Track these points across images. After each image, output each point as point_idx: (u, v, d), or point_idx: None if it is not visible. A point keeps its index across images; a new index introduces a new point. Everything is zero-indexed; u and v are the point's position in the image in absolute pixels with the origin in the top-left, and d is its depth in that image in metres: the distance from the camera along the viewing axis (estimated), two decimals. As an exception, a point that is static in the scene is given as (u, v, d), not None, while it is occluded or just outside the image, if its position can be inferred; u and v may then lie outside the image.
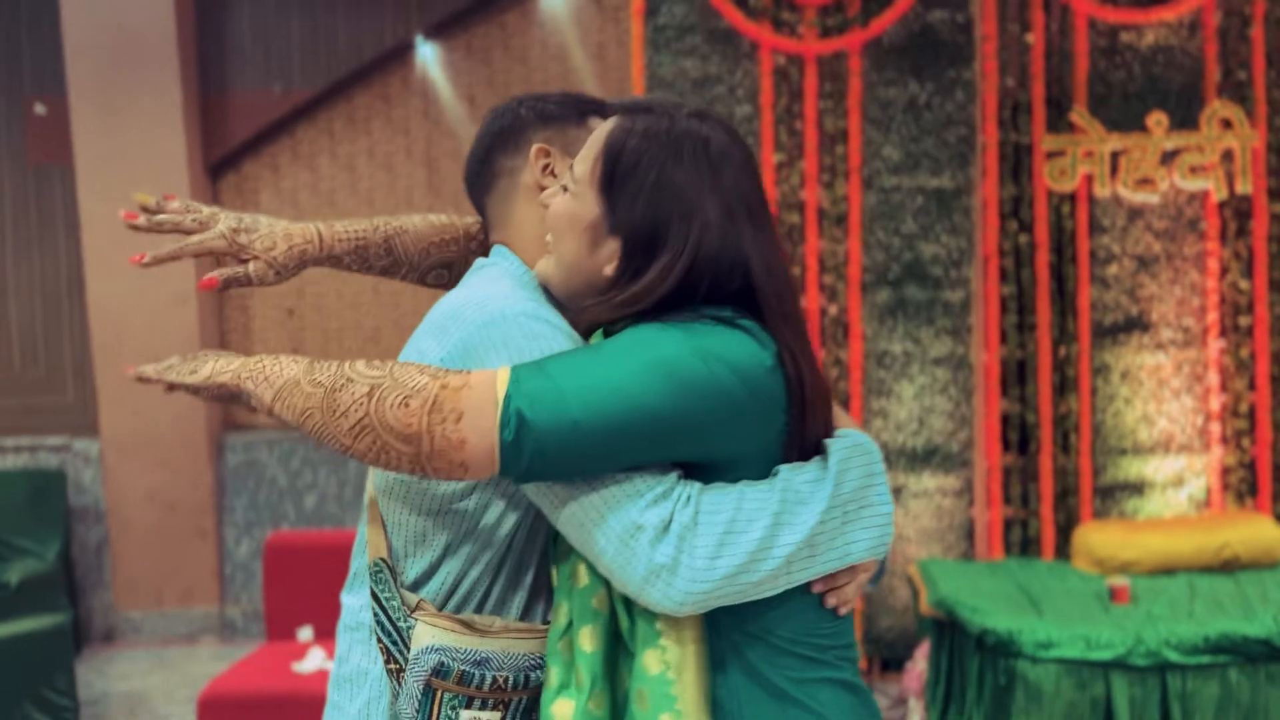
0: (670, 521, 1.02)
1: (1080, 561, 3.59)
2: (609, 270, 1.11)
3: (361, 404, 1.05)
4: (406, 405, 1.03)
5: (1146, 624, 2.94)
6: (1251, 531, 3.46)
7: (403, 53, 4.83)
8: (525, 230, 1.26)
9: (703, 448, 1.05)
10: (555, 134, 1.26)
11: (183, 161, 4.62)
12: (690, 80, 3.81)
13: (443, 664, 1.12)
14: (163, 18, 4.52)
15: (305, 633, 3.58)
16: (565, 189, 1.15)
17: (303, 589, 3.63)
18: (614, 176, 1.10)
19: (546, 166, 1.24)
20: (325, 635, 3.56)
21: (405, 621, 1.15)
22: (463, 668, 1.11)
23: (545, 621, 1.16)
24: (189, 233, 1.29)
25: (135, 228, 1.30)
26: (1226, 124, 3.84)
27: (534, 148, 1.25)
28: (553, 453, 1.01)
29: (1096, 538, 3.55)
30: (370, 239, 1.35)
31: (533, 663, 1.13)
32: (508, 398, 1.01)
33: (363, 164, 4.92)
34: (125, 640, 4.85)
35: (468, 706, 1.11)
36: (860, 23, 3.81)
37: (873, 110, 3.87)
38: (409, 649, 1.15)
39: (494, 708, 1.12)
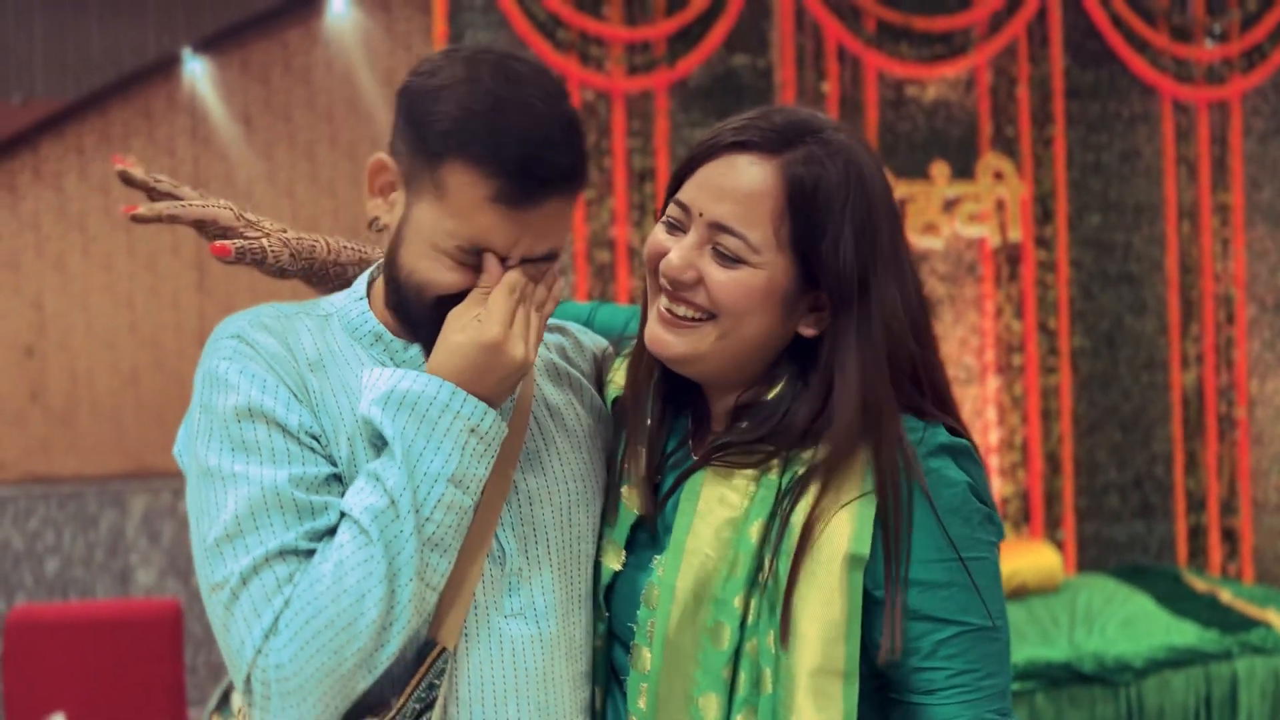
0: None
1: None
2: (810, 330, 1.03)
3: None
4: None
5: (958, 655, 3.03)
6: (1035, 560, 3.67)
7: (168, 66, 4.41)
8: None
9: None
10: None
11: (-105, 176, 3.99)
12: (496, 111, 3.67)
13: None
14: (-128, 10, 3.91)
15: (56, 720, 3.13)
16: (729, 258, 0.98)
17: (52, 670, 3.20)
18: (809, 231, 0.98)
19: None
20: (81, 722, 3.13)
21: None
22: None
23: None
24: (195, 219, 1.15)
25: (140, 220, 1.14)
26: (998, 175, 4.11)
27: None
28: None
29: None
30: (369, 258, 1.22)
31: None
32: None
33: (119, 186, 4.40)
34: None
35: None
36: (667, 63, 3.82)
37: (679, 150, 3.87)
38: None
39: None
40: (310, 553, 0.93)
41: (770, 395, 1.03)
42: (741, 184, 0.99)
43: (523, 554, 1.04)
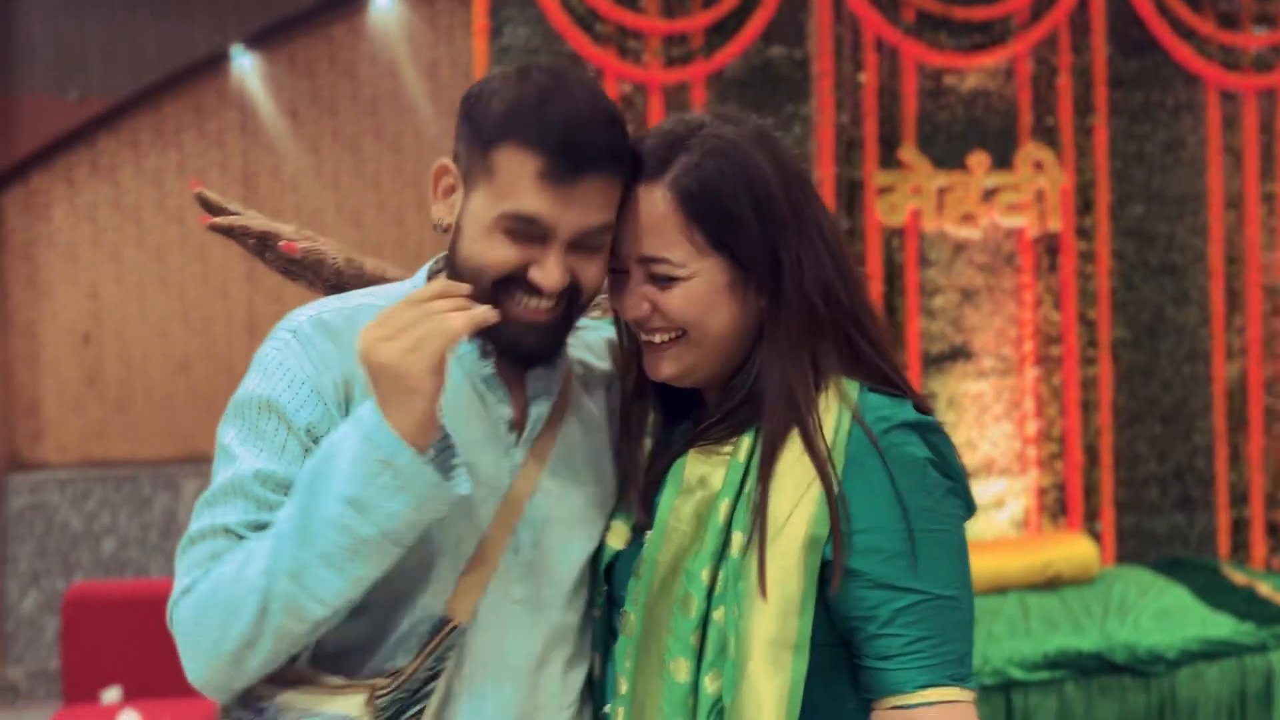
0: None
1: (916, 584, 3.70)
2: (766, 302, 1.08)
3: None
4: None
5: (990, 643, 3.05)
6: (1071, 550, 3.66)
7: (218, 62, 4.53)
8: None
9: None
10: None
11: (-40, 170, 4.15)
12: (535, 104, 3.72)
13: (226, 709, 1.07)
14: (-62, 10, 4.07)
15: (112, 694, 3.25)
16: (665, 280, 1.06)
17: (108, 646, 3.31)
18: (717, 228, 1.05)
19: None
20: (135, 696, 3.25)
21: None
22: (238, 714, 1.06)
23: (317, 668, 1.09)
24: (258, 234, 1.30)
25: (215, 228, 1.28)
26: (1038, 165, 4.09)
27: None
28: None
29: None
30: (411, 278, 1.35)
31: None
32: None
33: (171, 179, 4.57)
34: (-118, 711, 4.26)
35: None
36: (703, 55, 3.84)
37: (716, 141, 3.89)
38: None
39: None
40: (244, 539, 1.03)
41: (745, 374, 1.10)
42: (644, 216, 1.07)
43: (537, 548, 1.11)
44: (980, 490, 4.07)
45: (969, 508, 1.06)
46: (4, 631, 4.39)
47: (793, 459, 1.03)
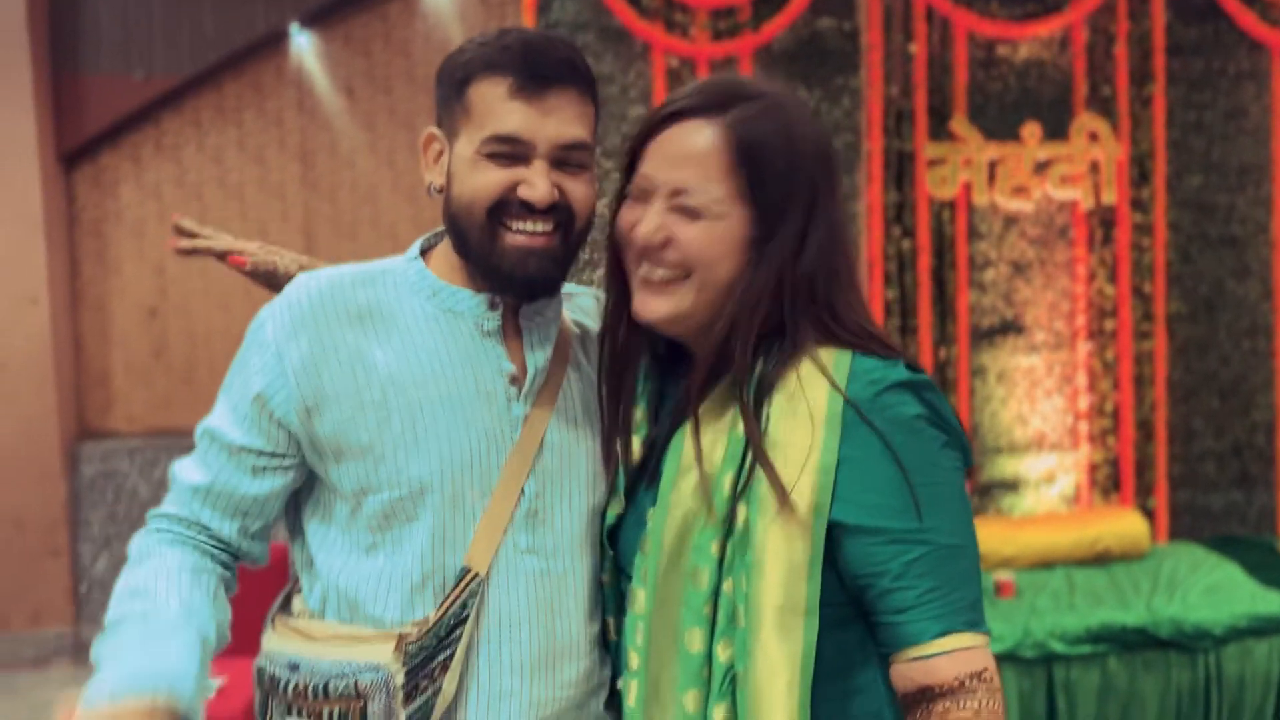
0: None
1: (963, 558, 3.69)
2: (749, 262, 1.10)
3: None
4: None
5: (1032, 617, 3.04)
6: (1121, 525, 3.63)
7: (277, 41, 4.63)
8: None
9: None
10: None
11: (33, 150, 4.29)
12: (583, 79, 3.75)
13: (261, 669, 1.14)
14: (10, -5, 4.21)
15: (176, 653, 3.38)
16: (693, 214, 1.07)
17: (173, 606, 3.44)
18: (757, 180, 1.06)
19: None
20: (198, 655, 3.38)
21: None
22: (274, 671, 1.12)
23: (343, 620, 1.13)
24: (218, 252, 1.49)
25: (181, 251, 1.50)
26: (1093, 136, 4.02)
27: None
28: None
29: (978, 534, 3.65)
30: None
31: (338, 670, 1.09)
32: None
33: (232, 156, 4.69)
34: (-34, 667, 4.48)
35: (288, 714, 1.10)
36: (751, 27, 3.84)
37: (763, 114, 3.88)
38: None
39: (307, 716, 1.09)
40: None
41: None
42: (693, 146, 1.07)
43: (541, 498, 1.15)
44: (1031, 465, 4.04)
45: (967, 460, 1.07)
46: (78, 593, 4.59)
47: (791, 428, 1.03)
